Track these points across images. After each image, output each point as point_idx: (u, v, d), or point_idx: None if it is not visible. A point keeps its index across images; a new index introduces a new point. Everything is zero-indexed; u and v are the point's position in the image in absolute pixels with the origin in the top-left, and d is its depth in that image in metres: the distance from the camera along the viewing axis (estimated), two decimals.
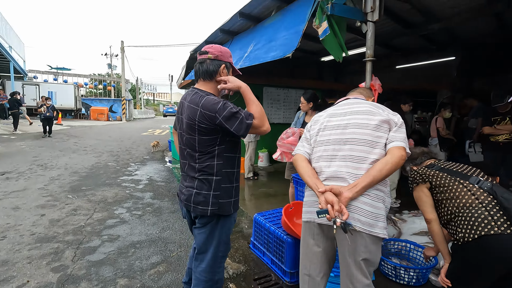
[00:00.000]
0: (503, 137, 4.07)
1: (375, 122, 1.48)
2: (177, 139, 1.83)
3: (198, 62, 1.68)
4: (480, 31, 5.93)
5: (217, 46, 1.69)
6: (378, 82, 3.08)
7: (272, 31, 3.94)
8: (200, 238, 1.72)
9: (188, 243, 3.12)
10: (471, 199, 1.54)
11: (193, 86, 1.72)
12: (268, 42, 3.89)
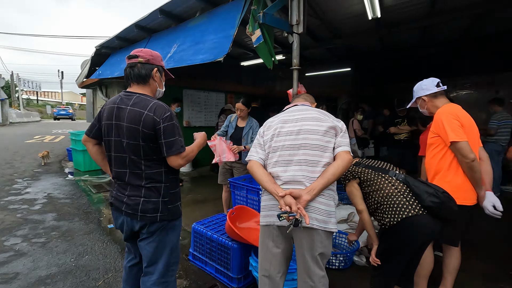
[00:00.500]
0: (403, 135, 5.08)
1: (324, 128, 1.62)
2: (96, 148, 1.77)
3: (128, 66, 1.67)
4: (370, 49, 7.22)
5: (147, 50, 1.69)
6: (304, 89, 3.37)
7: (199, 33, 3.84)
8: (149, 248, 1.66)
9: (116, 266, 2.73)
10: (392, 189, 1.86)
11: (128, 90, 1.68)
12: (195, 44, 3.77)
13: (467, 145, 1.93)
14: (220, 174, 3.67)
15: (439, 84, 2.23)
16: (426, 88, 2.26)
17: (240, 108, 3.47)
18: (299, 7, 3.05)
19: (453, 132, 1.96)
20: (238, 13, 3.32)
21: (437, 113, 2.13)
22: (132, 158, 1.59)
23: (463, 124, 2.01)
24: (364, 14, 4.56)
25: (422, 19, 5.07)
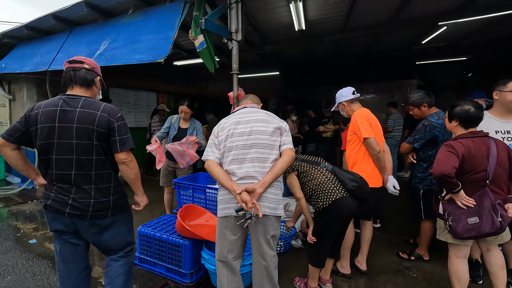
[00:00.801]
0: (329, 133, 5.78)
1: (271, 129, 1.87)
2: (16, 153, 1.71)
3: (71, 70, 1.73)
4: (296, 55, 7.97)
5: (91, 60, 1.81)
6: (243, 92, 3.61)
7: (134, 31, 3.72)
8: (104, 241, 1.77)
9: (51, 282, 2.49)
10: (323, 178, 2.26)
11: (71, 93, 1.72)
12: (131, 43, 3.64)
13: (374, 140, 2.47)
14: (162, 176, 3.63)
15: (354, 92, 2.76)
16: (345, 95, 2.77)
17: (185, 110, 3.51)
18: (238, 17, 3.29)
19: (365, 131, 2.48)
20: (177, 16, 3.37)
21: (353, 115, 2.65)
22: (81, 159, 1.65)
23: (371, 124, 2.55)
24: (291, 25, 5.09)
25: (337, 34, 5.92)
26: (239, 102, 2.21)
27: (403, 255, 3.03)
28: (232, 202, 1.80)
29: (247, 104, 2.07)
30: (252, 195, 1.73)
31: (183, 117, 3.56)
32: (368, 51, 7.67)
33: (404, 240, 3.39)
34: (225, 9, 3.32)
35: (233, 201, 1.79)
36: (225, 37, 3.36)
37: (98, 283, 2.52)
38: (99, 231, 1.74)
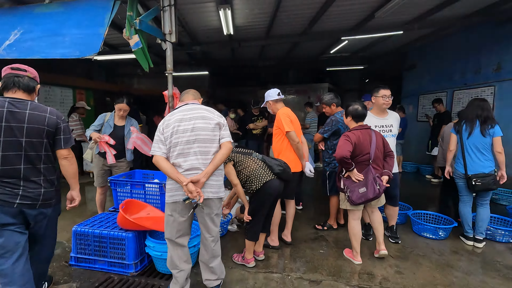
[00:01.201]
0: (258, 131, 6.25)
1: (211, 126, 2.15)
2: None
3: (14, 75, 1.92)
4: (224, 57, 8.33)
5: (31, 68, 2.03)
6: (178, 91, 3.79)
7: (54, 23, 3.50)
8: (45, 228, 2.02)
9: None
10: (255, 166, 2.68)
11: (15, 97, 1.90)
12: (51, 35, 3.43)
13: (294, 133, 3.03)
14: (98, 176, 3.50)
15: (279, 93, 3.29)
16: (271, 96, 3.27)
17: (124, 108, 3.46)
18: (171, 19, 3.45)
19: (287, 125, 3.02)
20: (106, 12, 3.35)
21: (277, 113, 3.17)
22: (30, 155, 1.87)
23: (292, 121, 3.11)
24: (220, 29, 5.43)
25: (261, 40, 6.54)
26: (181, 97, 2.40)
27: (318, 226, 3.73)
28: (179, 190, 2.05)
29: (189, 100, 2.29)
30: (197, 184, 2.02)
31: (122, 115, 3.50)
32: (288, 56, 8.59)
33: (318, 216, 4.13)
34: (158, 11, 3.44)
35: (180, 189, 2.04)
36: (159, 38, 3.48)
37: None
38: (44, 219, 1.98)
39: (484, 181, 3.10)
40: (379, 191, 2.67)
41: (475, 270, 2.81)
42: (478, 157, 3.15)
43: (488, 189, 3.13)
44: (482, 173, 3.13)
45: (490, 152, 3.14)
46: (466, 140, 3.21)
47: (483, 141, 3.12)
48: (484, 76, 6.01)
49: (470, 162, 3.18)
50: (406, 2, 4.39)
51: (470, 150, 3.18)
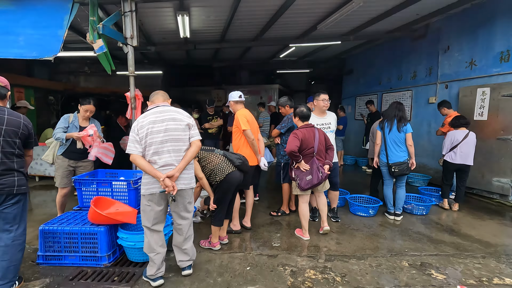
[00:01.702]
0: (214, 130, 6.48)
1: (182, 126, 2.44)
2: None
3: None
4: (178, 57, 8.42)
5: (3, 78, 2.39)
6: (140, 93, 3.94)
7: (5, 22, 3.42)
8: (14, 212, 2.31)
9: None
10: (218, 160, 3.04)
11: None
12: (2, 34, 3.32)
13: (250, 132, 3.47)
14: (63, 177, 3.46)
15: (241, 96, 3.69)
16: (233, 97, 3.67)
17: (90, 109, 3.48)
18: (132, 24, 3.61)
19: (243, 125, 3.44)
20: (64, 14, 3.38)
21: (236, 114, 3.58)
22: (6, 151, 2.24)
23: (248, 121, 3.54)
24: (176, 31, 5.63)
25: (216, 43, 6.87)
26: (151, 98, 2.62)
27: (273, 213, 4.24)
28: (156, 183, 2.33)
29: (159, 102, 2.54)
30: (171, 178, 2.32)
31: (88, 116, 3.53)
32: (241, 58, 9.04)
33: (275, 203, 4.66)
34: (119, 16, 3.57)
35: (156, 182, 2.33)
36: (120, 42, 3.61)
37: None
38: (14, 203, 2.30)
39: (400, 168, 3.93)
40: (322, 178, 3.27)
41: (394, 237, 3.59)
42: (396, 149, 3.98)
43: (403, 174, 3.97)
44: (398, 162, 3.95)
45: (404, 145, 3.98)
46: (387, 135, 4.01)
47: (399, 136, 3.95)
48: (404, 82, 7.23)
49: (390, 153, 4.00)
50: (342, 18, 5.17)
51: (390, 144, 3.99)
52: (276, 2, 4.66)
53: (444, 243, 3.42)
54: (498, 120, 4.83)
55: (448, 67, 5.95)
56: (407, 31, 6.42)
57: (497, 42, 4.97)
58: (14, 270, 2.32)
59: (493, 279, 2.65)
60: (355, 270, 2.77)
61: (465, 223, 4.05)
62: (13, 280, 2.32)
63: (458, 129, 4.42)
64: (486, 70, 5.17)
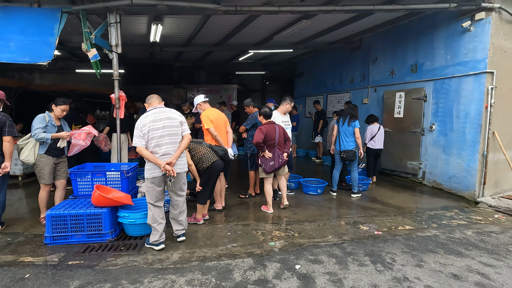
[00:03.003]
0: (188, 126, 6.94)
1: (176, 124, 3.10)
2: None
3: None
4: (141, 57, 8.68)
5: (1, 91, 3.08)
6: (123, 94, 4.41)
7: None
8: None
9: None
10: (205, 151, 3.74)
11: None
12: None
13: (212, 129, 4.11)
14: (49, 174, 3.69)
15: (205, 97, 4.41)
16: (199, 99, 4.36)
17: (67, 109, 3.81)
18: (117, 34, 4.08)
19: (206, 124, 4.15)
20: (54, 23, 3.75)
21: (201, 114, 4.29)
22: None
23: (211, 120, 4.21)
24: (146, 35, 6.07)
25: (181, 46, 7.41)
26: (148, 101, 3.21)
27: (242, 196, 5.08)
28: (157, 169, 2.98)
29: (156, 104, 3.17)
30: (170, 165, 3.00)
31: (64, 115, 3.81)
32: (201, 59, 9.62)
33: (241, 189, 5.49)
34: (106, 26, 4.01)
35: (157, 168, 2.97)
36: (106, 49, 4.06)
37: None
38: None
39: (348, 154, 5.07)
40: (282, 162, 4.19)
41: (335, 207, 4.71)
42: (345, 139, 5.11)
43: (350, 159, 5.11)
44: (347, 150, 5.09)
45: (353, 136, 5.12)
46: (340, 128, 5.14)
47: (349, 129, 5.09)
48: (345, 85, 8.62)
49: (341, 142, 5.13)
50: (295, 32, 6.18)
51: (342, 135, 5.12)
52: (241, 18, 5.45)
53: (370, 208, 4.63)
54: (410, 117, 6.33)
55: (376, 75, 7.40)
56: (345, 43, 7.75)
57: (409, 57, 6.47)
58: None
59: (398, 227, 3.86)
60: (307, 229, 3.76)
61: (387, 195, 5.38)
62: None
63: (372, 124, 5.83)
64: (402, 78, 6.66)
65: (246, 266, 2.78)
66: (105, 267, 2.76)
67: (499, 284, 2.53)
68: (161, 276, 2.59)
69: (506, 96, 5.12)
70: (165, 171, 2.95)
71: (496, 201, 4.98)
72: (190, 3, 4.09)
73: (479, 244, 3.32)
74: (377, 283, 2.52)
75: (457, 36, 5.36)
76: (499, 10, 4.87)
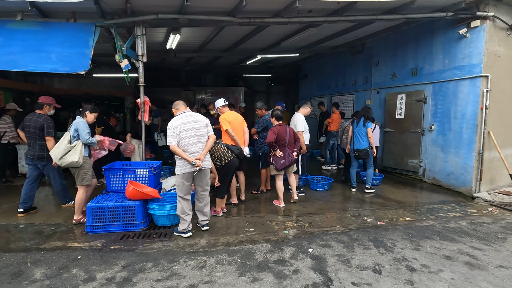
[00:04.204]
0: None
1: (203, 125, 3.53)
2: None
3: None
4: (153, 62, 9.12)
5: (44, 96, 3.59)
6: (148, 99, 4.83)
7: (35, 41, 4.08)
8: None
9: None
10: (222, 150, 4.14)
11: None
12: (33, 51, 4.04)
13: (230, 130, 4.56)
14: (91, 175, 4.03)
15: (225, 100, 4.83)
16: (219, 103, 4.79)
17: (96, 116, 4.24)
18: (143, 45, 4.51)
19: (224, 126, 4.57)
20: (89, 36, 4.18)
21: (220, 116, 4.71)
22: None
23: (229, 121, 4.66)
24: (162, 43, 6.50)
25: (194, 52, 7.84)
26: (176, 106, 3.64)
27: (254, 192, 5.49)
28: (187, 166, 3.40)
29: (183, 109, 3.62)
30: (198, 161, 3.42)
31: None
32: (211, 63, 10.06)
33: (253, 186, 5.90)
34: (134, 38, 4.44)
35: (187, 165, 3.40)
36: (133, 59, 4.49)
37: None
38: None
39: (360, 153, 5.48)
40: (292, 161, 4.60)
41: (341, 201, 5.11)
42: (359, 139, 5.52)
43: (362, 158, 5.51)
44: (360, 149, 5.49)
45: (366, 136, 5.50)
46: (355, 128, 5.56)
47: (362, 129, 5.48)
48: (348, 87, 9.01)
49: (355, 141, 5.54)
50: (301, 38, 6.59)
51: (357, 135, 5.53)
52: (253, 27, 5.86)
53: (374, 203, 5.03)
54: (410, 118, 6.71)
55: (378, 78, 7.79)
56: (348, 47, 8.14)
57: (409, 61, 6.86)
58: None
59: (399, 219, 4.25)
60: (316, 220, 4.17)
61: (389, 191, 5.76)
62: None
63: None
64: (403, 81, 7.04)
65: (266, 249, 3.20)
66: (143, 250, 3.19)
67: (485, 263, 2.92)
68: (193, 257, 3.01)
69: (500, 98, 5.49)
70: (196, 166, 3.37)
71: (492, 196, 5.35)
72: (209, 16, 4.51)
73: (471, 232, 3.71)
74: (379, 262, 2.92)
75: (454, 42, 5.74)
76: (493, 18, 5.24)
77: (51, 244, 3.35)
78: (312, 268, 2.82)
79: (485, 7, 5.17)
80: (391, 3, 4.82)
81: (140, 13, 4.40)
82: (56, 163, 3.83)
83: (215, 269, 2.80)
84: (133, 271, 2.76)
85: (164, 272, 2.75)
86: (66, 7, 4.07)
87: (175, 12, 4.45)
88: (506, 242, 3.42)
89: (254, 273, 2.72)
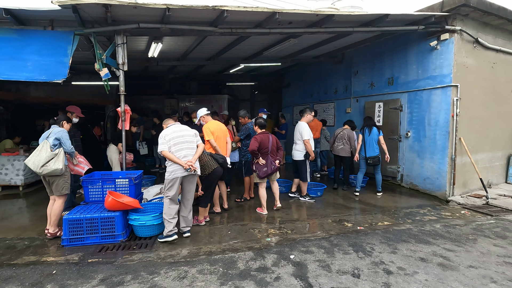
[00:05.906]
0: None
1: (191, 134, 3.63)
2: None
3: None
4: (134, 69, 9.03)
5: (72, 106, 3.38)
6: (129, 108, 4.77)
7: (10, 48, 3.99)
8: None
9: None
10: (207, 159, 4.13)
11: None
12: (8, 59, 3.93)
13: (212, 140, 4.56)
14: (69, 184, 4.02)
15: (207, 109, 4.86)
16: (202, 112, 4.80)
17: None
18: (124, 53, 4.48)
19: (206, 135, 4.57)
20: (67, 44, 4.12)
21: (203, 126, 4.72)
22: None
23: (212, 131, 4.66)
24: (144, 51, 6.48)
25: (176, 60, 7.84)
26: (165, 122, 3.82)
27: (238, 200, 5.49)
28: (179, 170, 3.46)
29: (172, 123, 3.75)
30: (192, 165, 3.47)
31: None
32: (194, 72, 10.08)
33: (237, 194, 5.91)
34: (114, 47, 4.41)
35: (177, 170, 3.45)
36: (114, 67, 4.45)
37: None
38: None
39: (374, 160, 5.68)
40: (274, 169, 4.66)
41: (324, 208, 5.20)
42: (372, 146, 5.72)
43: (375, 164, 5.70)
44: (372, 156, 5.68)
45: (377, 144, 5.71)
46: (367, 137, 5.76)
47: (374, 138, 5.68)
48: (329, 95, 9.26)
49: (368, 149, 5.72)
50: (283, 48, 6.75)
51: (369, 142, 5.70)
52: (235, 37, 5.96)
53: (354, 208, 5.15)
54: (388, 125, 6.97)
55: (358, 86, 8.06)
56: (329, 57, 8.40)
57: (386, 71, 7.15)
58: None
59: (378, 223, 4.38)
60: (299, 227, 4.22)
61: (369, 196, 5.92)
62: None
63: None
64: (380, 89, 7.32)
65: (248, 257, 3.20)
66: (123, 262, 3.12)
67: (457, 264, 3.06)
68: (174, 268, 2.97)
69: (470, 106, 5.82)
70: (188, 167, 3.47)
71: (464, 199, 5.62)
72: (191, 26, 4.56)
73: (445, 234, 3.87)
74: (358, 267, 3.00)
75: (427, 53, 6.06)
76: (461, 31, 5.59)
77: (24, 259, 3.21)
78: (293, 274, 2.86)
79: (453, 21, 5.51)
80: (367, 16, 5.05)
81: (121, 22, 4.39)
82: (36, 171, 3.61)
83: (196, 279, 2.78)
84: (112, 284, 2.70)
85: (143, 284, 2.70)
86: (43, 15, 4.01)
87: (156, 21, 4.47)
88: (476, 243, 3.60)
89: (236, 282, 2.73)
